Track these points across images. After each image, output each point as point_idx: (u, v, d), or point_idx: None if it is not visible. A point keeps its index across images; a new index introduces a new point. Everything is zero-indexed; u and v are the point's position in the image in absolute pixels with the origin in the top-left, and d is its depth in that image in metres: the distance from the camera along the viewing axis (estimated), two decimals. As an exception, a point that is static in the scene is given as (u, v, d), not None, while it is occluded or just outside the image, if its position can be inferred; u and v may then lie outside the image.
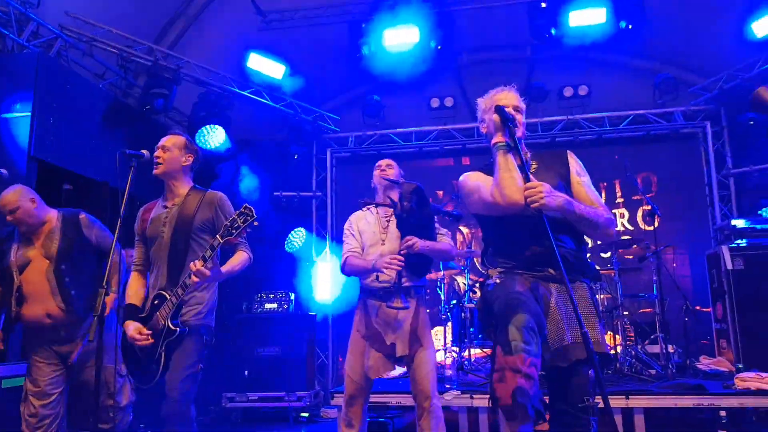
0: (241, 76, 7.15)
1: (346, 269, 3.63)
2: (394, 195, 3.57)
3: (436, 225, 3.64)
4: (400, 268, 3.29)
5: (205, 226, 3.11)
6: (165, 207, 3.24)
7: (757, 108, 6.28)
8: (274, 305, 6.85)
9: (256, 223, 2.88)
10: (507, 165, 2.44)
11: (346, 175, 8.28)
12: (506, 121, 2.47)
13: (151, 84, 6.25)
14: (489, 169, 2.61)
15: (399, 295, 3.37)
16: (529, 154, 2.69)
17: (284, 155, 7.80)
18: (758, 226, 5.98)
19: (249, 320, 6.77)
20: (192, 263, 2.87)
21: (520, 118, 2.62)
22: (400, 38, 6.92)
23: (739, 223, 6.12)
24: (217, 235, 2.90)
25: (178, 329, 2.95)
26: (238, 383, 6.47)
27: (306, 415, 6.37)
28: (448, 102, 7.66)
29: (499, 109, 2.48)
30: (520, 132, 2.58)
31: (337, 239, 8.00)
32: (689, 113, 7.46)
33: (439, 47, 6.86)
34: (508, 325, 2.25)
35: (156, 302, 3.05)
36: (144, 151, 3.21)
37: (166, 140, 3.26)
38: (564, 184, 2.60)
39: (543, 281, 2.46)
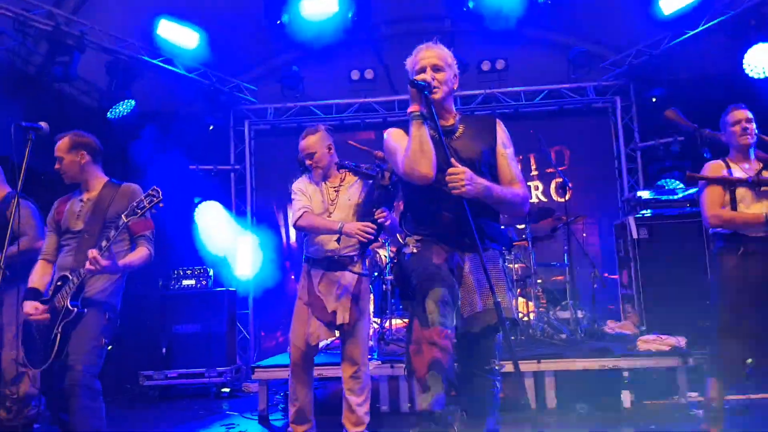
0: (152, 44, 6.80)
1: (302, 224, 3.63)
2: (347, 174, 3.75)
3: None
4: (371, 238, 3.41)
5: (119, 218, 3.06)
6: (81, 201, 3.29)
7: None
8: (192, 281, 6.67)
9: (161, 204, 2.93)
10: (419, 137, 2.42)
11: (266, 147, 8.09)
12: (421, 91, 2.43)
13: (53, 51, 5.85)
14: None
15: (361, 261, 3.59)
16: (457, 117, 2.67)
17: (200, 127, 7.51)
18: (662, 197, 6.31)
19: (165, 297, 6.56)
20: (90, 250, 2.85)
21: (442, 76, 2.56)
22: (319, 7, 6.78)
23: (645, 194, 6.44)
24: (122, 215, 2.93)
25: (75, 309, 2.91)
26: (156, 361, 6.29)
27: (227, 390, 6.29)
28: (369, 74, 7.59)
29: (412, 83, 2.45)
30: (441, 92, 2.54)
31: (257, 213, 7.85)
32: (601, 88, 7.73)
33: (357, 18, 6.76)
34: (425, 298, 2.29)
35: (59, 284, 3.05)
36: (42, 124, 3.10)
37: (56, 149, 3.26)
38: (489, 152, 2.61)
39: (458, 250, 2.50)
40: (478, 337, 2.46)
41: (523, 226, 6.07)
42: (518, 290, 6.02)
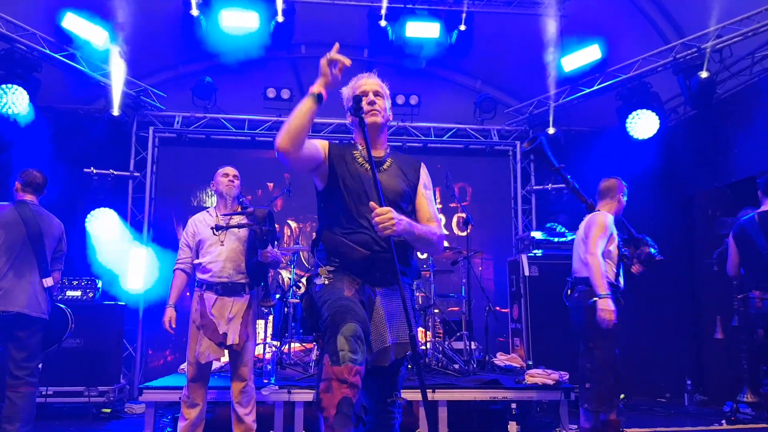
0: (55, 35, 6.39)
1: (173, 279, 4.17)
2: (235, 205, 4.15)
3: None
4: None
5: None
6: None
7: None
8: (78, 293, 6.22)
9: None
10: (302, 110, 2.34)
11: (170, 157, 7.79)
12: (358, 103, 2.46)
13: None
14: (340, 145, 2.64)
15: (269, 295, 4.12)
16: (387, 150, 2.70)
17: (100, 129, 7.08)
18: (553, 239, 6.77)
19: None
20: None
21: (382, 103, 2.62)
22: (238, 21, 6.72)
23: (537, 234, 6.88)
24: None
25: None
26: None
27: (108, 411, 5.89)
28: (285, 94, 7.54)
29: (356, 98, 2.48)
30: (382, 117, 2.60)
31: (154, 225, 7.53)
32: (503, 132, 8.22)
33: (276, 37, 6.75)
34: (336, 334, 2.22)
35: None
36: None
37: None
38: (410, 191, 2.65)
39: (369, 283, 2.49)
40: (385, 370, 2.48)
41: (425, 256, 6.26)
42: (419, 319, 6.19)
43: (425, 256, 6.23)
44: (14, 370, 3.88)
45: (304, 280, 2.72)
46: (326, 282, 2.47)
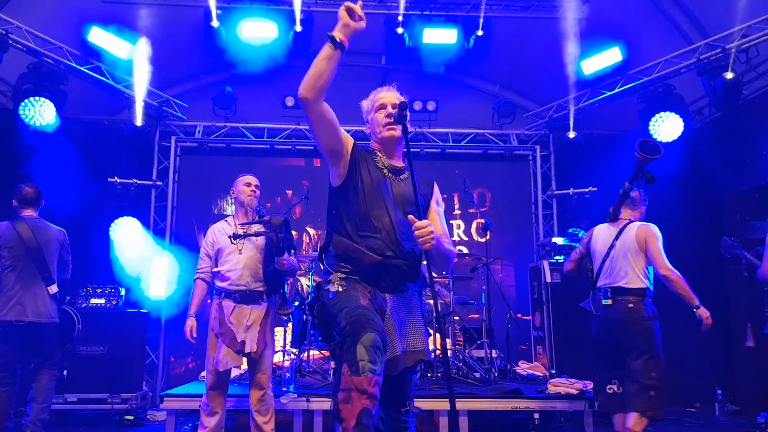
0: (81, 48, 6.54)
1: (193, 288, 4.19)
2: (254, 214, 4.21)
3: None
4: None
5: None
6: None
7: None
8: (102, 300, 6.31)
9: None
10: (320, 56, 2.33)
11: (191, 166, 7.89)
12: (404, 107, 2.44)
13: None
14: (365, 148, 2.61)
15: (286, 303, 4.14)
16: (404, 164, 2.66)
17: (123, 140, 7.24)
18: (575, 244, 6.64)
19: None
20: None
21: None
22: (258, 32, 6.79)
23: (559, 240, 6.78)
24: None
25: None
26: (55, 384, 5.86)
27: (131, 418, 5.95)
28: (303, 102, 7.57)
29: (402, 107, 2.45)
30: (398, 131, 2.56)
31: (176, 233, 7.61)
32: (523, 137, 8.14)
33: (295, 46, 6.80)
34: (356, 343, 2.18)
35: None
36: None
37: None
38: (425, 205, 2.64)
39: (380, 290, 2.46)
40: (396, 379, 2.44)
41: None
42: (436, 325, 6.12)
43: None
44: (38, 363, 4.39)
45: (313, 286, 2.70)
46: (340, 289, 2.43)
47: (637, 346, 3.90)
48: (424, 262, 2.51)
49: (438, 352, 5.93)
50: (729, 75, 6.11)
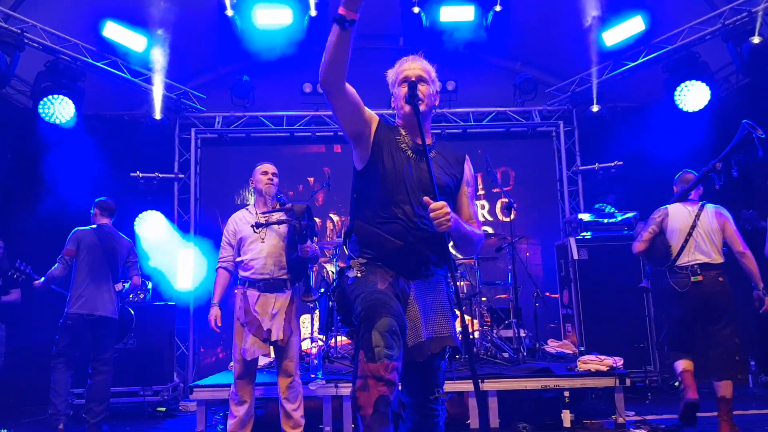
0: (97, 44, 6.56)
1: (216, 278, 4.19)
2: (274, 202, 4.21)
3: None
4: None
5: None
6: None
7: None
8: (130, 295, 6.38)
9: None
10: (330, 40, 2.17)
11: (212, 157, 7.91)
12: (414, 95, 2.32)
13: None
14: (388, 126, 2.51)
15: (310, 290, 4.17)
16: (433, 139, 2.57)
17: (144, 133, 7.26)
18: (603, 221, 6.55)
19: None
20: None
21: (425, 89, 2.46)
22: (272, 18, 6.74)
23: (585, 216, 6.66)
24: None
25: None
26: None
27: (163, 409, 6.04)
28: (321, 88, 7.53)
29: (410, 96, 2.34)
30: (424, 105, 2.43)
31: (200, 225, 7.65)
32: (545, 113, 7.99)
33: (311, 31, 6.73)
34: (371, 329, 2.14)
35: None
36: None
37: None
38: (454, 185, 2.53)
39: (403, 275, 2.39)
40: (423, 366, 2.36)
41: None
42: (464, 308, 6.08)
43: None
44: (94, 361, 4.78)
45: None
46: (359, 275, 2.38)
47: (724, 315, 4.28)
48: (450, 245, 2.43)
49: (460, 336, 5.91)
50: (756, 39, 5.90)
